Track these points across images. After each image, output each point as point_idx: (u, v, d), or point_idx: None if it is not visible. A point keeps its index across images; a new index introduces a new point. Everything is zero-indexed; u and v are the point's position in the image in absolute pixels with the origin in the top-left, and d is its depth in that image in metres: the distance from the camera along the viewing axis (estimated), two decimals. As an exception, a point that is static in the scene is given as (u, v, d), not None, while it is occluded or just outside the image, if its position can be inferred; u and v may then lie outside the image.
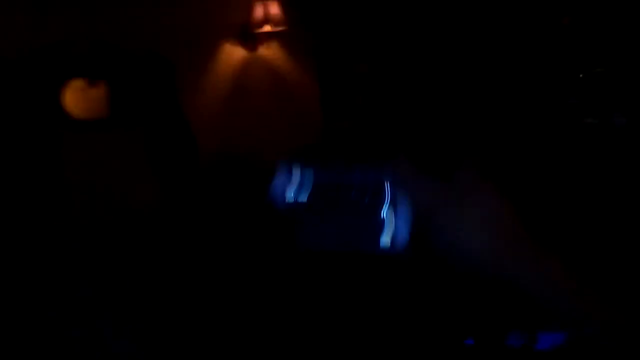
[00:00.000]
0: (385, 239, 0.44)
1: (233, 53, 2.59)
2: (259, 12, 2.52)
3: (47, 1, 2.26)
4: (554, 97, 1.99)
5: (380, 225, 0.44)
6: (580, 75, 1.90)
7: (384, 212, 0.44)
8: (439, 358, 1.39)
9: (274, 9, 2.52)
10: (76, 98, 2.25)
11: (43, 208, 2.11)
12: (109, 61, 2.29)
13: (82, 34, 2.29)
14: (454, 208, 0.40)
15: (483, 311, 1.47)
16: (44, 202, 2.13)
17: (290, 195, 0.46)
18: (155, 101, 2.35)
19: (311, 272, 1.80)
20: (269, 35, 2.58)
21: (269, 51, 2.63)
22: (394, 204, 0.43)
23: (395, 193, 0.43)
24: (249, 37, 2.59)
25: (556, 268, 0.39)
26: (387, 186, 0.44)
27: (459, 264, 0.41)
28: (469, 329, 1.45)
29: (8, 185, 2.08)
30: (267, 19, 2.52)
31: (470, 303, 1.51)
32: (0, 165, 2.10)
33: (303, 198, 0.46)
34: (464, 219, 0.40)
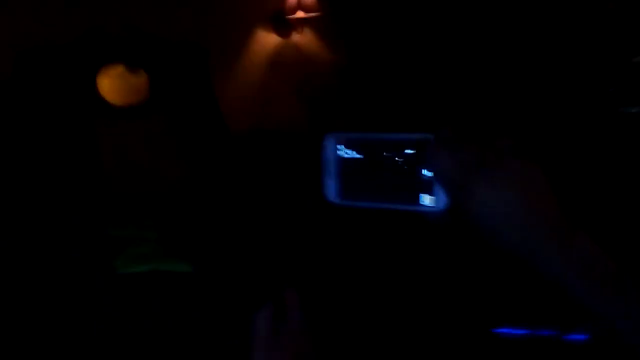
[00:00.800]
0: (426, 199, 0.46)
1: (266, 39, 2.59)
2: (291, -2, 2.51)
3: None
4: (594, 85, 1.94)
5: (421, 185, 0.46)
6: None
7: (426, 173, 0.45)
8: (463, 342, 1.40)
9: (307, -5, 2.51)
10: (112, 85, 2.28)
11: (80, 190, 2.16)
12: (144, 48, 2.31)
13: (118, 21, 2.31)
14: (489, 173, 0.40)
15: (512, 298, 1.47)
16: (81, 184, 2.18)
17: (338, 152, 0.49)
18: (189, 87, 2.37)
19: (349, 227, 1.82)
20: (301, 22, 2.57)
21: (301, 37, 2.62)
22: (435, 166, 0.44)
23: (437, 155, 0.44)
24: (282, 24, 2.58)
25: (586, 244, 0.39)
26: (430, 148, 0.44)
27: (489, 231, 0.41)
28: (497, 316, 1.44)
29: (46, 169, 2.14)
30: (300, 5, 2.50)
31: (500, 287, 1.51)
32: (39, 150, 2.15)
33: (350, 155, 0.48)
34: (498, 184, 0.40)
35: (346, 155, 0.48)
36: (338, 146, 0.48)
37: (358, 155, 0.48)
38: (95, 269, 1.72)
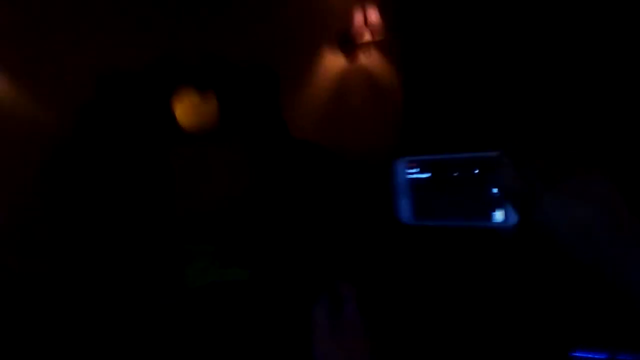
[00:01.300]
0: (497, 215, 0.46)
1: (333, 61, 2.60)
2: (358, 21, 2.52)
3: (155, 18, 2.35)
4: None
5: (492, 201, 0.46)
6: None
7: (496, 189, 0.46)
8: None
9: (374, 17, 2.51)
10: (185, 110, 2.32)
11: (154, 213, 2.20)
12: (216, 73, 2.35)
13: (191, 47, 2.36)
14: (556, 187, 0.40)
15: (590, 318, 1.43)
16: (154, 207, 2.22)
17: (408, 175, 0.51)
18: (260, 111, 2.39)
19: (421, 245, 1.85)
20: (368, 45, 2.57)
21: (368, 60, 2.62)
22: (501, 183, 0.44)
23: (502, 172, 0.44)
24: (349, 46, 2.59)
25: None
26: (496, 166, 0.44)
27: (561, 243, 0.40)
28: (574, 338, 1.40)
29: (122, 191, 2.19)
30: (366, 27, 2.51)
31: (577, 306, 1.47)
32: (115, 173, 2.20)
33: (420, 175, 0.50)
34: (566, 198, 0.39)
35: (417, 177, 0.50)
36: (408, 169, 0.50)
37: (428, 176, 0.50)
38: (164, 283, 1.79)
